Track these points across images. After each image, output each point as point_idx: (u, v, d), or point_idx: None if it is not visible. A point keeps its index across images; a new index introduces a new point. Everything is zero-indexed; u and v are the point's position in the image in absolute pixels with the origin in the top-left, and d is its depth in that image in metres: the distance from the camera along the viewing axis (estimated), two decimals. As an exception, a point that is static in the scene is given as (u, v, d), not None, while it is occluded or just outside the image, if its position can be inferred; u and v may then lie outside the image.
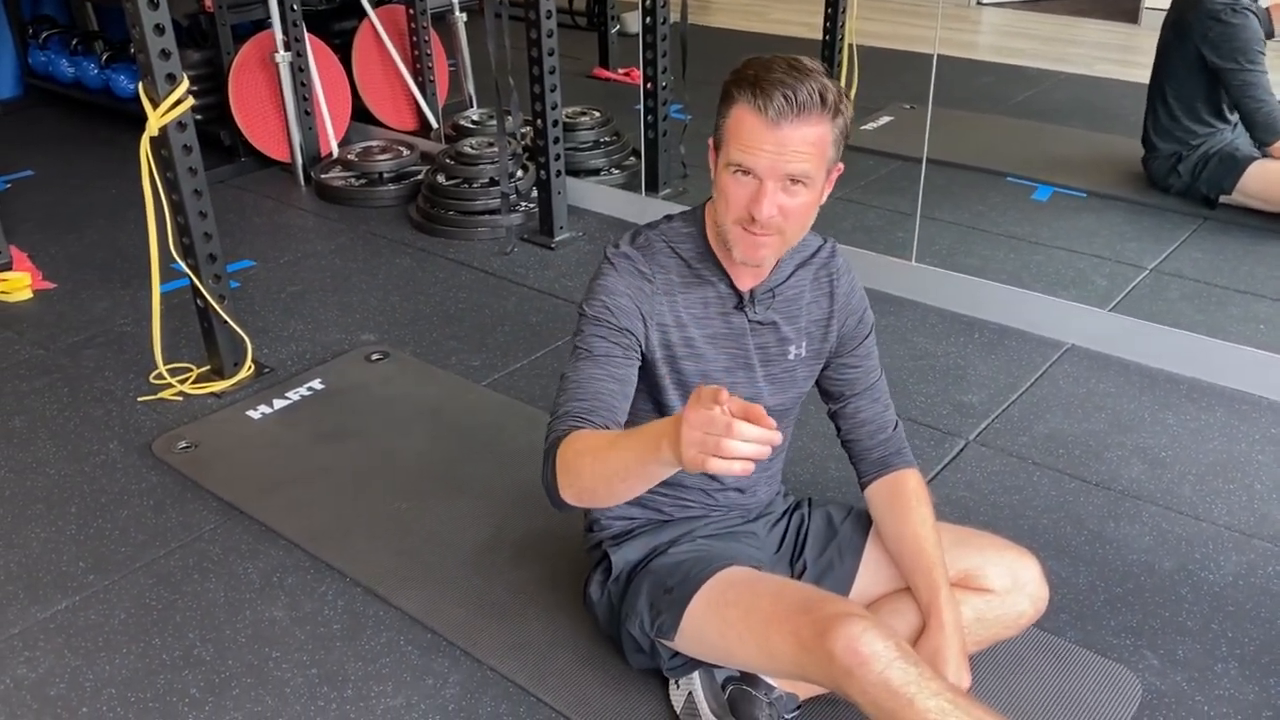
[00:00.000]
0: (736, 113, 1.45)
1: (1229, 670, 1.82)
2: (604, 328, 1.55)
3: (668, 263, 1.59)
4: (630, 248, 1.60)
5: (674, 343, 1.59)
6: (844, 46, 4.27)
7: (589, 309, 1.57)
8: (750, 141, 1.43)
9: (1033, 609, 1.70)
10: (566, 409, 1.48)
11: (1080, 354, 2.79)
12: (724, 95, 1.48)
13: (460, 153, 3.76)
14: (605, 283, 1.57)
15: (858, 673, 1.35)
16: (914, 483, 1.74)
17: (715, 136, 1.51)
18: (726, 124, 1.47)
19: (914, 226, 3.09)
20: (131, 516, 2.26)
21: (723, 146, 1.48)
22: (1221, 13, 3.31)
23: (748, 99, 1.43)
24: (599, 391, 1.50)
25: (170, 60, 2.38)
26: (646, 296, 1.57)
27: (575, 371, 1.53)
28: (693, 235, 1.61)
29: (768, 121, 1.41)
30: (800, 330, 1.68)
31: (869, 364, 1.76)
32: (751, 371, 1.66)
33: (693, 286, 1.60)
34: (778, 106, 1.40)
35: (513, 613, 1.96)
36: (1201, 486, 2.28)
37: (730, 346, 1.64)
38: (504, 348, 2.91)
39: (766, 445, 1.10)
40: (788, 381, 1.71)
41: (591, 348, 1.54)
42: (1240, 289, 3.06)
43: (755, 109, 1.42)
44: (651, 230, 1.63)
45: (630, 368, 1.56)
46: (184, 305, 2.86)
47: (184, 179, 2.50)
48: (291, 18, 3.94)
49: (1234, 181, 3.41)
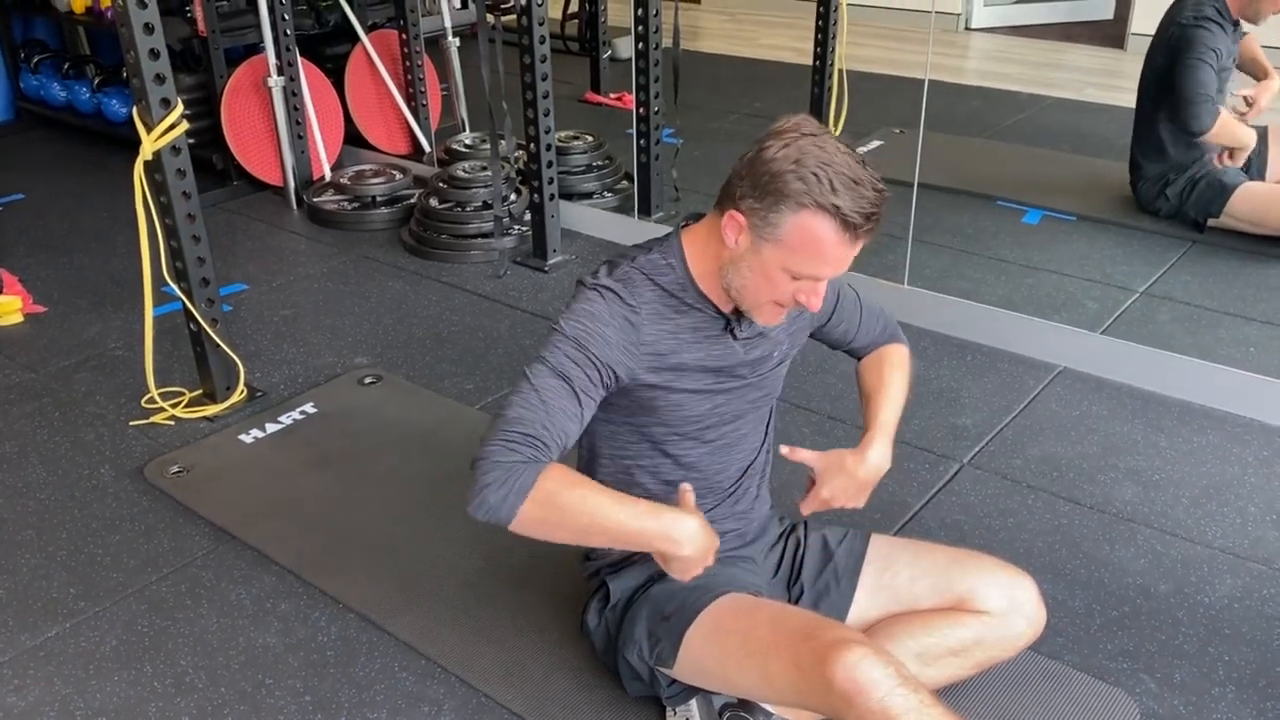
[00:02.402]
0: (808, 226, 1.42)
1: (1226, 694, 1.82)
2: (583, 355, 1.51)
3: (649, 294, 1.57)
4: (610, 280, 1.56)
5: (662, 369, 1.59)
6: (834, 72, 4.30)
7: (569, 328, 1.52)
8: (823, 259, 1.45)
9: (1030, 631, 1.70)
10: (536, 433, 1.45)
11: (1072, 377, 2.80)
12: (782, 194, 1.42)
13: (453, 176, 3.77)
14: (591, 309, 1.54)
15: (857, 700, 1.35)
16: (898, 351, 1.88)
17: (760, 225, 1.45)
18: (788, 229, 1.43)
19: (906, 250, 3.11)
20: (123, 542, 2.24)
21: (778, 246, 1.45)
22: (1186, 20, 3.39)
23: (826, 217, 1.41)
24: (565, 429, 1.48)
25: (164, 85, 2.39)
26: (633, 328, 1.54)
27: (547, 391, 1.48)
28: (672, 267, 1.58)
29: (847, 242, 1.43)
30: (783, 330, 1.70)
31: (849, 316, 1.83)
32: (744, 379, 1.66)
33: (679, 313, 1.59)
34: (858, 230, 1.43)
35: (508, 638, 1.95)
36: (1195, 509, 2.29)
37: (719, 365, 1.63)
38: (497, 371, 2.90)
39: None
40: (772, 379, 1.72)
41: (568, 373, 1.50)
42: (1230, 312, 3.08)
43: (838, 227, 1.41)
44: (628, 263, 1.59)
45: (592, 402, 1.53)
46: (176, 329, 2.86)
47: (178, 203, 2.50)
48: (284, 42, 3.95)
49: (1221, 205, 3.44)
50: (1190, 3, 3.41)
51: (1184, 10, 3.41)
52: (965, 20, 6.45)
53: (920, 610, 1.72)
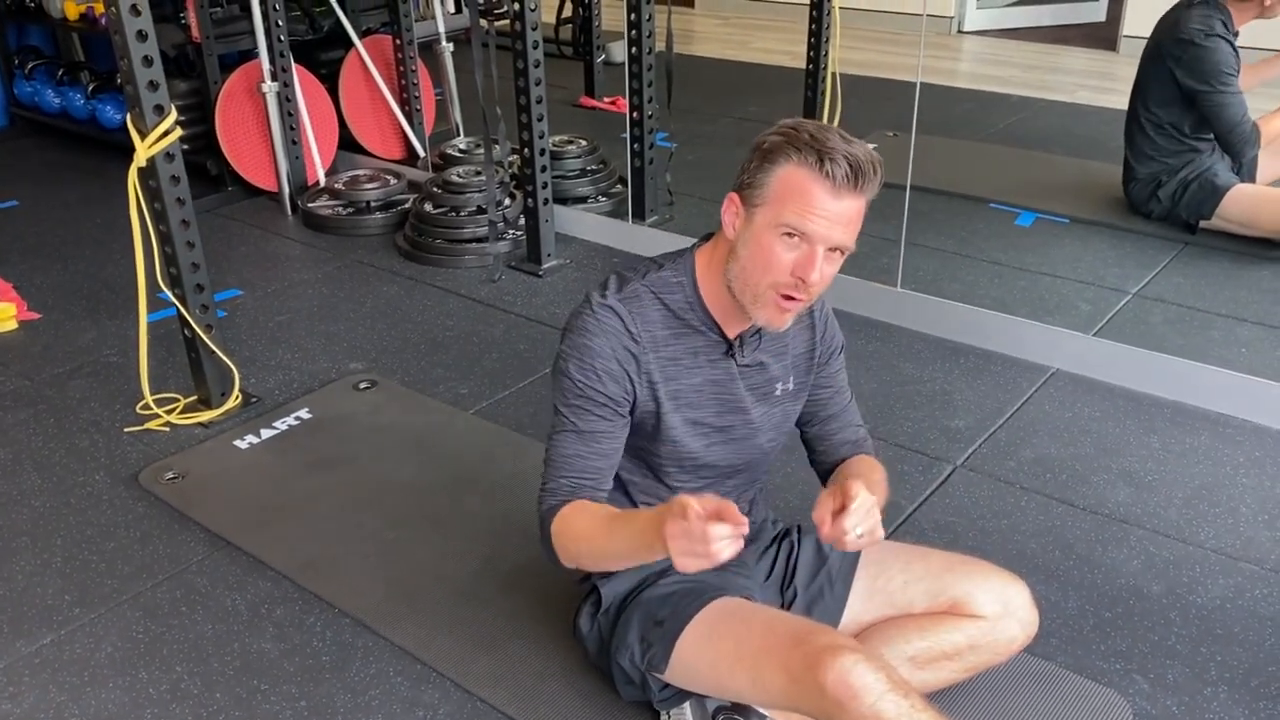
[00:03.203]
0: (793, 175, 1.42)
1: (1218, 694, 1.82)
2: (589, 400, 1.56)
3: (653, 315, 1.58)
4: (616, 299, 1.57)
5: (662, 397, 1.59)
6: (828, 75, 4.31)
7: (574, 371, 1.55)
8: (811, 208, 1.42)
9: (1023, 634, 1.71)
10: (553, 485, 1.58)
11: (1065, 378, 2.81)
12: (771, 153, 1.44)
13: (447, 181, 3.77)
14: (591, 343, 1.55)
15: (849, 706, 1.35)
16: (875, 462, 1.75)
17: (750, 194, 1.47)
18: (775, 183, 1.44)
19: (899, 253, 3.12)
20: (118, 549, 2.24)
21: (766, 205, 1.45)
22: (1194, 37, 3.37)
23: (810, 163, 1.41)
24: (584, 469, 1.58)
25: (158, 91, 2.39)
26: (633, 357, 1.56)
27: (562, 444, 1.59)
28: (682, 285, 1.59)
29: (832, 189, 1.41)
30: (787, 367, 1.69)
31: (839, 381, 1.79)
32: (745, 414, 1.67)
33: (681, 337, 1.60)
34: (844, 177, 1.41)
35: (503, 643, 1.95)
36: (1188, 510, 2.29)
37: (720, 393, 1.64)
38: (492, 375, 2.91)
39: (742, 536, 1.26)
40: (780, 418, 1.72)
41: (578, 422, 1.58)
42: (1222, 313, 3.09)
43: (821, 175, 1.41)
44: (639, 279, 1.60)
45: (617, 437, 1.60)
46: (171, 335, 2.86)
47: (172, 209, 2.50)
48: (278, 48, 3.96)
49: (1213, 206, 3.45)
50: (1197, 15, 3.37)
51: (1190, 23, 3.37)
52: (958, 23, 6.48)
53: (914, 614, 1.72)
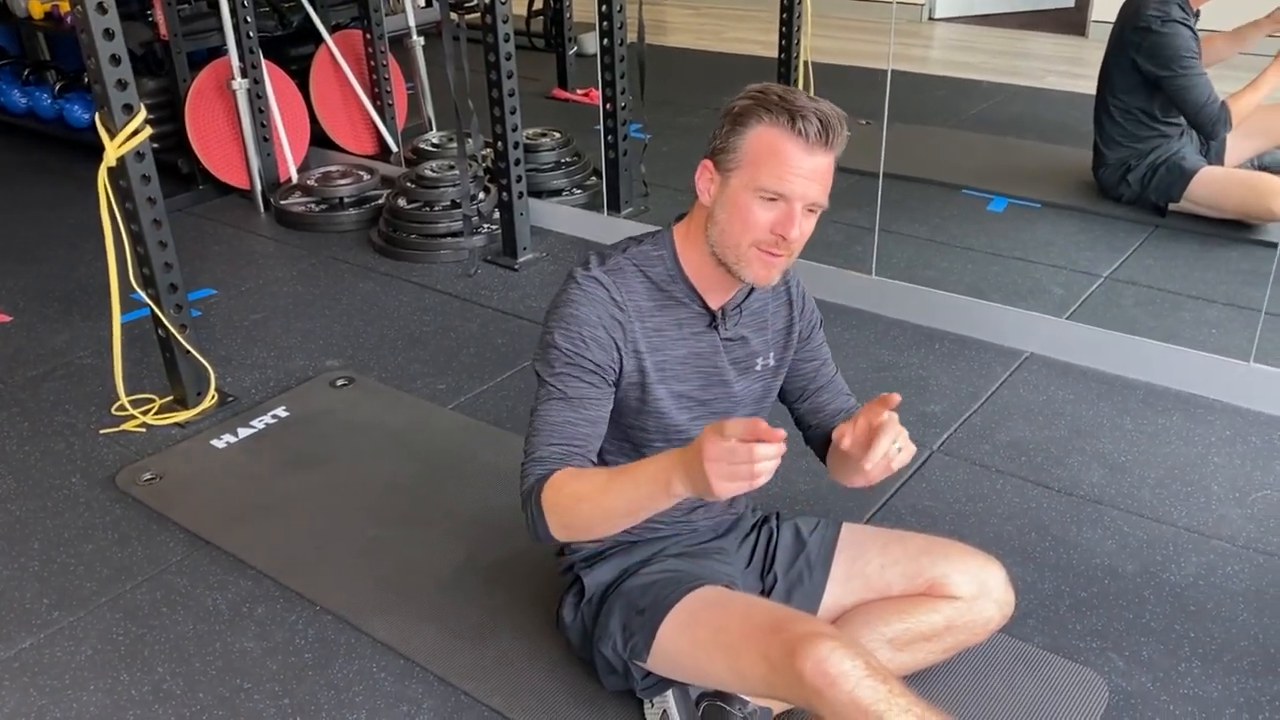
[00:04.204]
0: (766, 135, 1.45)
1: (1192, 669, 1.85)
2: (577, 366, 1.55)
3: (637, 286, 1.60)
4: (601, 271, 1.59)
5: (648, 368, 1.60)
6: (800, 65, 4.32)
7: (561, 340, 1.55)
8: (786, 167, 1.44)
9: (999, 615, 1.73)
10: (542, 453, 1.52)
11: (1039, 362, 2.84)
12: (742, 117, 1.47)
13: (421, 176, 3.76)
14: (578, 312, 1.56)
15: (828, 693, 1.37)
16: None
17: (722, 159, 1.50)
18: (748, 145, 1.47)
19: (873, 240, 3.14)
20: (96, 551, 2.23)
21: (742, 168, 1.48)
22: (1152, 24, 3.41)
23: (782, 123, 1.44)
24: (573, 435, 1.53)
25: (126, 90, 2.37)
26: (620, 325, 1.57)
27: (549, 412, 1.54)
28: (663, 258, 1.61)
29: (805, 146, 1.44)
30: (767, 342, 1.71)
31: (824, 354, 1.80)
32: (728, 387, 1.68)
33: (664, 309, 1.61)
34: (816, 133, 1.43)
35: (486, 636, 1.95)
36: (1161, 490, 2.32)
37: (704, 365, 1.65)
38: (470, 370, 2.91)
39: (780, 454, 1.23)
40: (761, 393, 1.73)
41: (565, 389, 1.54)
42: (1192, 294, 3.13)
43: (793, 133, 1.43)
44: (620, 254, 1.62)
45: (604, 406, 1.58)
46: (145, 336, 2.85)
47: (143, 209, 2.48)
48: (248, 45, 3.93)
49: (1182, 189, 3.48)
50: (1154, 2, 3.40)
51: (1147, 10, 3.40)
52: (929, 10, 6.50)
53: (892, 597, 1.74)
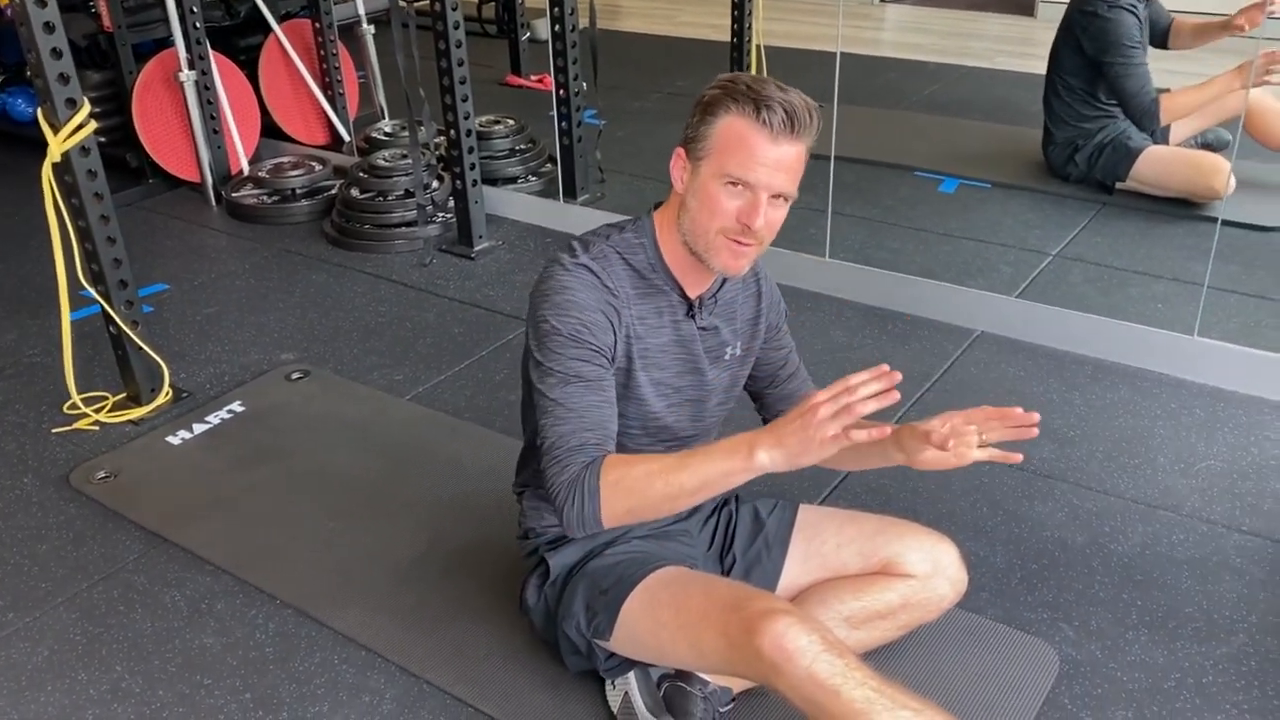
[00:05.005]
0: (733, 124, 1.47)
1: (1139, 637, 1.90)
2: (584, 349, 1.53)
3: (622, 274, 1.61)
4: (588, 259, 1.59)
5: (634, 355, 1.62)
6: (752, 48, 4.34)
7: (562, 325, 1.53)
8: (751, 156, 1.46)
9: (952, 592, 1.77)
10: (577, 440, 1.49)
11: (990, 340, 2.88)
12: (711, 105, 1.49)
13: (374, 165, 3.74)
14: (575, 297, 1.55)
15: (785, 668, 1.39)
16: None
17: (694, 147, 1.52)
18: (716, 134, 1.48)
19: (826, 223, 3.16)
20: (50, 551, 2.21)
21: (710, 156, 1.49)
22: (1098, 9, 3.47)
23: (748, 112, 1.45)
24: (603, 420, 1.53)
25: (69, 85, 2.34)
26: (614, 310, 1.58)
27: (570, 397, 1.51)
28: (644, 246, 1.62)
29: (770, 136, 1.45)
30: (736, 332, 1.73)
31: (790, 342, 1.84)
32: (701, 375, 1.70)
33: (647, 297, 1.62)
34: (781, 123, 1.44)
35: (446, 624, 1.96)
36: (1109, 463, 2.38)
37: (682, 353, 1.67)
38: (427, 361, 2.90)
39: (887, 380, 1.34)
40: (729, 382, 1.76)
41: (580, 372, 1.53)
42: (1138, 270, 3.19)
43: (759, 123, 1.45)
44: (604, 241, 1.63)
45: (610, 384, 1.58)
46: (96, 333, 2.81)
47: (90, 204, 2.45)
48: (195, 35, 3.88)
49: (1128, 168, 3.55)
50: None
51: None
52: (880, -8, 6.55)
53: (848, 576, 1.77)
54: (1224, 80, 3.39)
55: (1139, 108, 3.49)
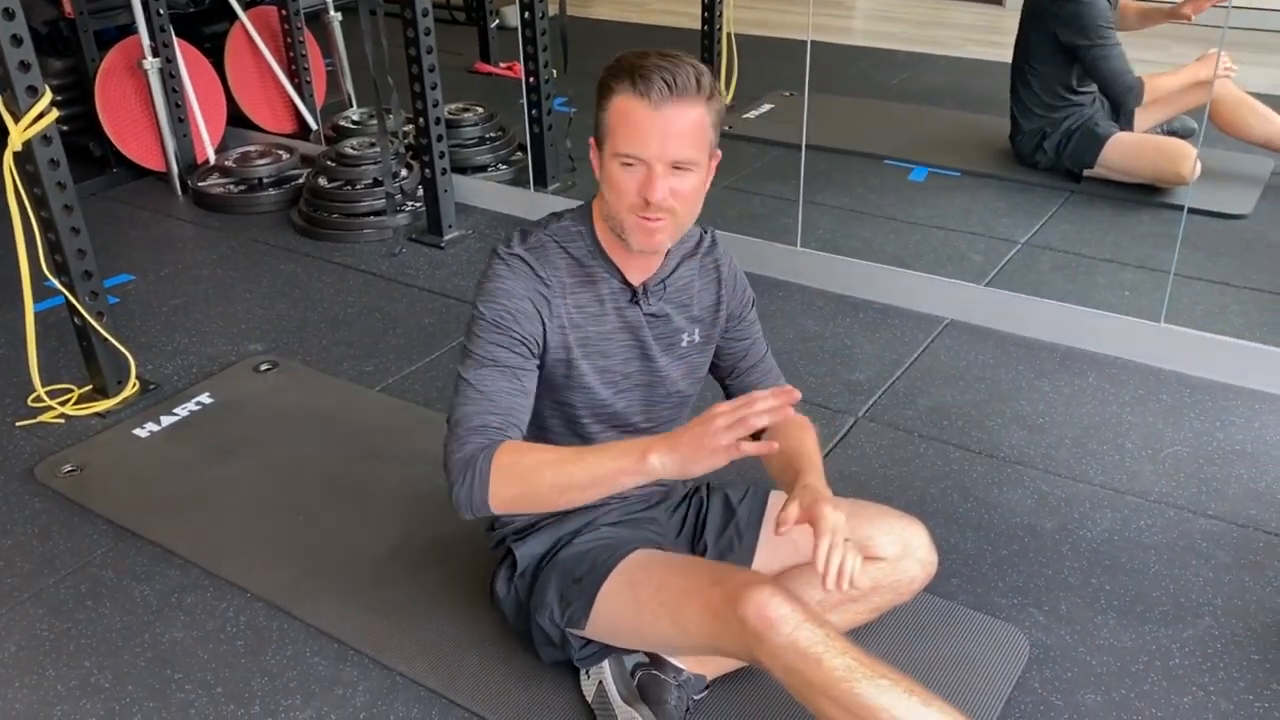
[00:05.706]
0: (617, 104, 1.47)
1: (1108, 621, 1.92)
2: (506, 336, 1.55)
3: (559, 262, 1.61)
4: (523, 249, 1.60)
5: (572, 344, 1.61)
6: (723, 36, 4.34)
7: (488, 311, 1.56)
8: (635, 129, 1.46)
9: (923, 573, 1.78)
10: (479, 422, 1.49)
11: (959, 328, 2.90)
12: (601, 90, 1.50)
13: (341, 154, 3.71)
14: (504, 285, 1.57)
15: (767, 636, 1.41)
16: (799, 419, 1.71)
17: (597, 133, 1.53)
18: (608, 117, 1.49)
19: (797, 212, 3.17)
20: (16, 546, 2.18)
21: (607, 139, 1.50)
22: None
23: (627, 88, 1.46)
24: (511, 407, 1.53)
25: (30, 72, 2.30)
26: (545, 300, 1.58)
27: (482, 380, 1.53)
28: (583, 233, 1.63)
29: (650, 106, 1.45)
30: (692, 319, 1.72)
31: (755, 333, 1.83)
32: (652, 363, 1.70)
33: (586, 285, 1.62)
34: (659, 90, 1.44)
35: (419, 616, 1.95)
36: (1077, 449, 2.40)
37: (628, 339, 1.67)
38: (396, 351, 2.88)
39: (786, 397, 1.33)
40: (687, 369, 1.75)
41: (496, 357, 1.54)
42: (1106, 258, 3.22)
43: (636, 95, 1.45)
44: (542, 230, 1.63)
45: (532, 379, 1.58)
46: (61, 324, 2.77)
47: (52, 194, 2.41)
48: (158, 22, 3.82)
49: (1095, 155, 3.57)
50: None
51: None
52: (850, -19, 6.55)
53: (819, 560, 1.78)
54: (1196, 68, 3.43)
55: (1123, 87, 3.50)
